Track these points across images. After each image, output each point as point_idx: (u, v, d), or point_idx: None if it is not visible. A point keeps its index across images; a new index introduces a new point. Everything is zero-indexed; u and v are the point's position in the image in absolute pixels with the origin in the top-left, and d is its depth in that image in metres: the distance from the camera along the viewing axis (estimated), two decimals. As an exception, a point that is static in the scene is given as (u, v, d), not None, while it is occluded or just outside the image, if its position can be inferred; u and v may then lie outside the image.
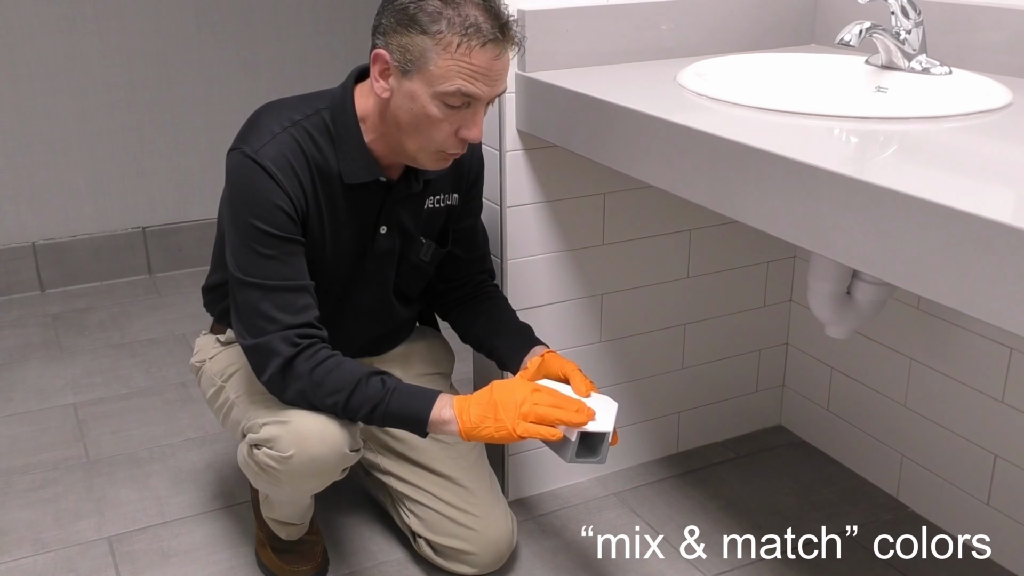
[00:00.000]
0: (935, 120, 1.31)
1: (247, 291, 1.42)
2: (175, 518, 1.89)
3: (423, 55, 1.34)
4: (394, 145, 1.46)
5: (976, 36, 1.60)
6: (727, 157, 1.23)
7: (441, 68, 1.34)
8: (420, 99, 1.37)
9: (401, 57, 1.36)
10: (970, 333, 1.71)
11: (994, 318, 0.94)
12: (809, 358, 2.09)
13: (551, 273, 1.82)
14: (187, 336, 2.65)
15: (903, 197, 1.00)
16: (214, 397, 1.65)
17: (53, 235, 2.95)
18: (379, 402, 1.41)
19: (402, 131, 1.42)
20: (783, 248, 2.03)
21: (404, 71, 1.37)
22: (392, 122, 1.42)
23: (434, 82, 1.35)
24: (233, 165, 1.43)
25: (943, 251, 0.97)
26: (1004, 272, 0.91)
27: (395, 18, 1.36)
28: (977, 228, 0.92)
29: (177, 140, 3.03)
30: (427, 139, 1.41)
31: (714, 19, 1.79)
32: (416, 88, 1.37)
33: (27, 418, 2.26)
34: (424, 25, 1.33)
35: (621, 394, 1.97)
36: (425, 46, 1.34)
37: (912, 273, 1.01)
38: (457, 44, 1.32)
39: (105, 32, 2.84)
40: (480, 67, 1.35)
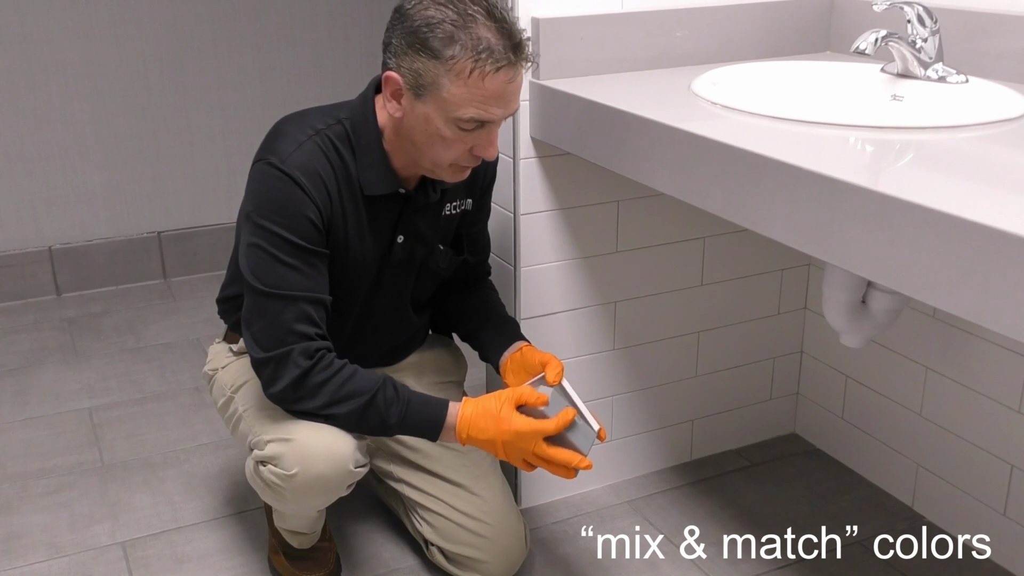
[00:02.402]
0: (951, 129, 1.30)
1: (266, 301, 1.41)
2: (189, 523, 1.90)
3: (435, 81, 1.32)
4: (410, 159, 1.46)
5: (993, 44, 1.58)
6: (741, 167, 1.23)
7: (454, 95, 1.33)
8: (434, 122, 1.36)
9: (413, 81, 1.34)
10: (986, 343, 1.69)
11: (1010, 330, 0.93)
12: (824, 366, 2.08)
13: (564, 280, 1.82)
14: (202, 341, 2.66)
15: (919, 208, 0.99)
16: (224, 407, 1.66)
17: (69, 239, 2.97)
18: (394, 414, 1.41)
19: (417, 148, 1.42)
20: (797, 256, 2.02)
21: (417, 94, 1.35)
22: (407, 139, 1.42)
23: (448, 108, 1.34)
24: (259, 176, 1.42)
25: (959, 263, 0.96)
26: (1021, 284, 0.90)
27: (406, 40, 1.33)
28: (993, 240, 0.92)
29: (193, 145, 3.04)
30: (442, 156, 1.41)
31: (728, 27, 1.78)
32: (429, 111, 1.36)
33: (43, 422, 2.28)
34: (436, 51, 1.31)
35: (634, 401, 1.97)
36: (438, 72, 1.32)
37: (928, 285, 1.01)
38: (470, 71, 1.31)
39: (122, 38, 2.86)
40: (494, 92, 1.33)
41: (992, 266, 0.93)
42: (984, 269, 0.94)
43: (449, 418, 1.42)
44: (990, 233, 0.92)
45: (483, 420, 1.41)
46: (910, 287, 1.03)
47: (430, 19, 1.31)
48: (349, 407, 1.41)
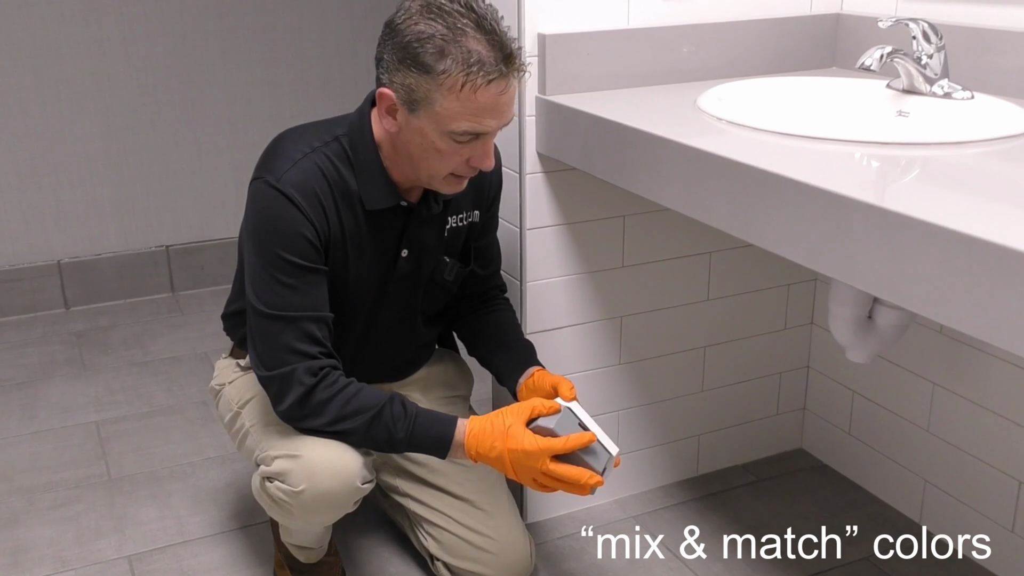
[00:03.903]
0: (957, 145, 1.30)
1: (266, 322, 1.42)
2: (195, 537, 1.90)
3: (428, 96, 1.33)
4: (408, 172, 1.46)
5: (999, 60, 1.59)
6: (747, 182, 1.23)
7: (447, 110, 1.33)
8: (429, 135, 1.37)
9: (406, 96, 1.35)
10: (994, 358, 1.69)
11: (1016, 347, 0.93)
12: (830, 381, 2.08)
13: (570, 295, 1.82)
14: (209, 354, 2.67)
15: (924, 225, 0.99)
16: (231, 422, 1.66)
17: (78, 253, 2.98)
18: (401, 429, 1.41)
19: (413, 161, 1.43)
20: (804, 271, 2.02)
21: (411, 109, 1.36)
22: (403, 152, 1.43)
23: (441, 122, 1.35)
24: (256, 195, 1.43)
25: (965, 279, 0.96)
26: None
27: (397, 55, 1.34)
28: (999, 256, 0.92)
29: (201, 160, 3.06)
30: (438, 168, 1.42)
31: (734, 43, 1.79)
32: (424, 125, 1.36)
33: (50, 435, 2.28)
34: (427, 66, 1.31)
35: (640, 416, 1.97)
36: (430, 87, 1.32)
37: (934, 301, 1.00)
38: (462, 85, 1.31)
39: (131, 54, 2.88)
40: (487, 105, 1.33)
41: (998, 283, 0.93)
42: (990, 286, 0.94)
43: (457, 435, 1.42)
44: (996, 250, 0.92)
45: (491, 437, 1.40)
46: (916, 303, 1.03)
47: (420, 34, 1.31)
48: (355, 423, 1.41)
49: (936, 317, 1.02)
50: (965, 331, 0.98)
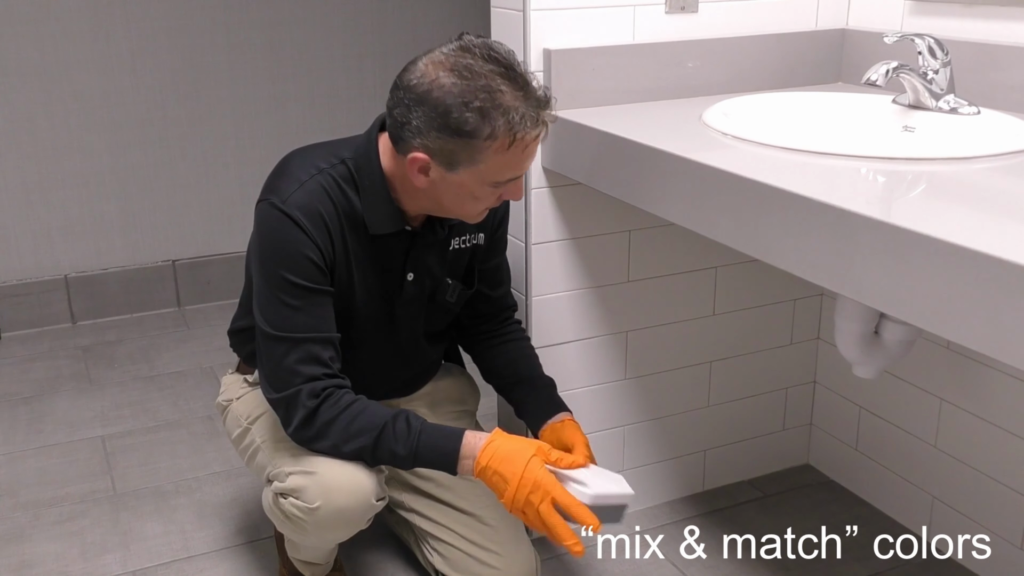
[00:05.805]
0: (963, 161, 1.30)
1: (273, 344, 1.42)
2: (200, 552, 1.89)
3: (472, 157, 1.34)
4: (428, 207, 1.47)
5: (1005, 76, 1.59)
6: (753, 198, 1.23)
7: (492, 166, 1.35)
8: (468, 187, 1.39)
9: (445, 159, 1.36)
10: (1002, 374, 1.68)
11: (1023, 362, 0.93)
12: (837, 397, 2.07)
13: (576, 310, 1.82)
14: (215, 369, 2.67)
15: (931, 240, 0.99)
16: (239, 438, 1.66)
17: (85, 268, 2.99)
18: (403, 447, 1.40)
19: (443, 206, 1.44)
20: (810, 286, 2.02)
21: (449, 168, 1.37)
22: (432, 198, 1.44)
23: (486, 176, 1.37)
24: (262, 217, 1.44)
25: (971, 295, 0.96)
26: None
27: (432, 124, 1.33)
28: (1006, 272, 0.91)
29: (207, 175, 3.07)
30: (472, 209, 1.45)
31: (740, 58, 1.79)
32: (464, 179, 1.38)
33: (56, 450, 2.28)
34: (471, 133, 1.31)
35: (646, 431, 1.96)
36: (474, 148, 1.33)
37: (940, 316, 1.00)
38: (509, 144, 1.33)
39: (139, 69, 2.90)
40: (530, 151, 1.37)
41: (1005, 298, 0.92)
42: (997, 301, 0.93)
43: (464, 448, 1.41)
44: (1002, 265, 0.92)
45: (510, 455, 1.37)
46: (922, 319, 1.02)
47: (455, 100, 1.30)
48: (359, 444, 1.41)
49: (943, 332, 1.01)
50: (972, 346, 0.98)
